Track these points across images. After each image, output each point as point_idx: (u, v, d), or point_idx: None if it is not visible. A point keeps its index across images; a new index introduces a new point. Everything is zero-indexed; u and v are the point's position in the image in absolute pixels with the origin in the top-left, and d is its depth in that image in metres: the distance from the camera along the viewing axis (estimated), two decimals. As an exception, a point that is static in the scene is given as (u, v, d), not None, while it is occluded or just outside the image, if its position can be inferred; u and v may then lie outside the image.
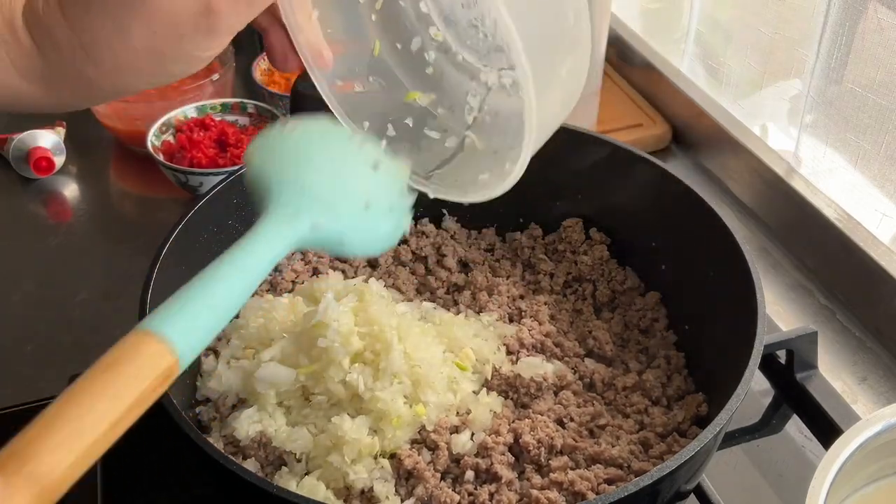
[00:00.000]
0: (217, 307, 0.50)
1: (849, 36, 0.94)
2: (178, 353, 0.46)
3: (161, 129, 1.09)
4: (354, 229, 0.58)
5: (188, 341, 0.47)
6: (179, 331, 0.47)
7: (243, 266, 0.52)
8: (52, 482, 0.39)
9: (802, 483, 0.54)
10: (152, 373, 0.45)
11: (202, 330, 0.49)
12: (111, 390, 0.43)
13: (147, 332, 0.46)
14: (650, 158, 0.80)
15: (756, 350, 0.62)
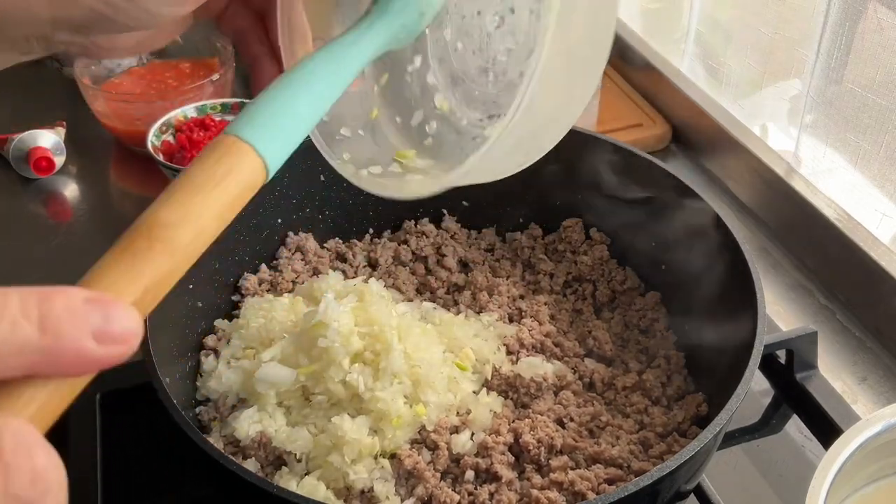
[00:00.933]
0: (304, 113, 0.47)
1: (849, 36, 0.94)
2: (267, 161, 0.45)
3: (161, 129, 1.09)
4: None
5: (275, 149, 0.45)
6: (264, 137, 0.44)
7: (333, 68, 0.49)
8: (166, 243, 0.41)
9: (802, 483, 0.54)
10: (243, 180, 0.44)
11: (289, 136, 0.46)
12: (208, 195, 0.43)
13: (234, 137, 0.44)
14: (650, 158, 0.80)
15: (756, 350, 0.62)
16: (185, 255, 0.43)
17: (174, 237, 0.42)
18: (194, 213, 0.42)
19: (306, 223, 0.87)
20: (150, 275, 0.41)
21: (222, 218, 0.44)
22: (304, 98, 0.47)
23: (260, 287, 0.82)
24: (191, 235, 0.42)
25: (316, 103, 0.48)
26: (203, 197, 0.43)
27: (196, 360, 0.74)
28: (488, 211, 0.90)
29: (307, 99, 0.47)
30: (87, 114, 1.16)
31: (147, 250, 0.41)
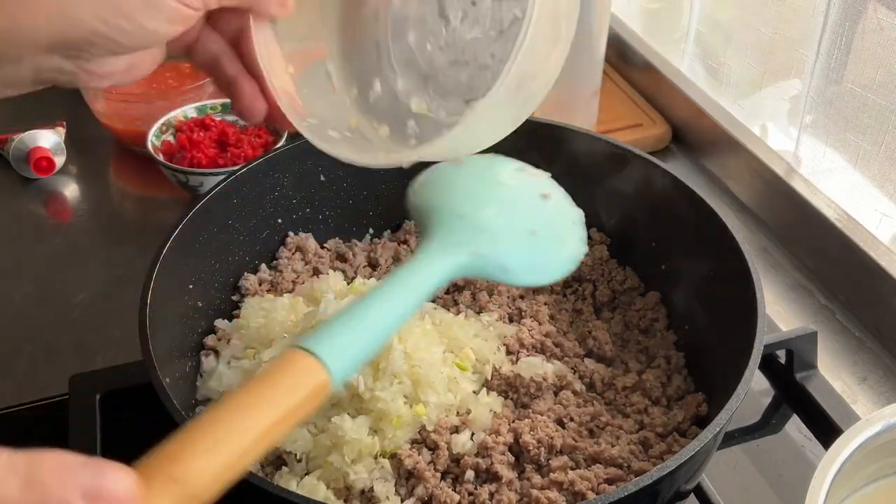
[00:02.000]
0: (370, 329, 0.50)
1: (849, 36, 0.94)
2: (330, 369, 0.46)
3: (161, 129, 1.09)
4: (518, 257, 0.58)
5: (340, 359, 0.47)
6: (330, 349, 0.47)
7: (401, 291, 0.53)
8: (196, 489, 0.39)
9: (802, 483, 0.54)
10: (304, 386, 0.45)
11: (355, 349, 0.49)
12: (262, 401, 0.43)
13: (298, 349, 0.47)
14: (650, 158, 0.80)
15: (756, 350, 0.62)
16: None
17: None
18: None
19: (306, 223, 0.87)
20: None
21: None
22: (371, 323, 0.50)
23: (260, 287, 0.82)
24: (212, 470, 0.42)
25: (381, 328, 0.51)
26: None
27: (196, 360, 0.74)
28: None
29: (374, 324, 0.51)
30: (88, 114, 1.16)
31: None
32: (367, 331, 0.50)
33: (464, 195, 0.59)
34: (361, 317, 0.50)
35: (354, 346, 0.49)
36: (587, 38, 1.07)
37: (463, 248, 0.56)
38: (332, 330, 0.49)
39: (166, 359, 0.66)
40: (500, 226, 0.57)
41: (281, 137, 1.09)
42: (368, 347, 0.50)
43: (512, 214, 0.59)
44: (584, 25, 1.05)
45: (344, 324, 0.49)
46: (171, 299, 0.71)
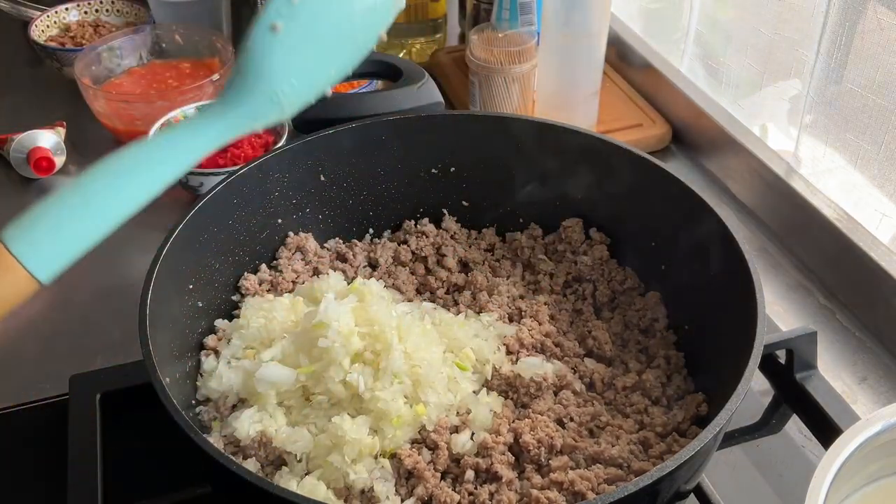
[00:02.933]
0: (88, 206, 0.46)
1: (848, 36, 0.94)
2: (29, 258, 0.44)
3: (161, 129, 1.09)
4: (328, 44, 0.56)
5: (41, 246, 0.44)
6: (24, 235, 0.44)
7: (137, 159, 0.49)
8: None
9: (802, 483, 0.54)
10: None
11: (63, 229, 0.45)
12: None
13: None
14: (650, 158, 0.80)
15: (756, 350, 0.62)
16: None
17: None
18: None
19: (306, 223, 0.87)
20: None
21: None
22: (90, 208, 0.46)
23: (260, 287, 0.82)
24: None
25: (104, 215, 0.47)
26: None
27: (196, 360, 0.74)
28: (488, 211, 0.90)
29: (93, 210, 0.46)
30: (88, 114, 1.16)
31: None
32: (84, 207, 0.46)
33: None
34: (76, 198, 0.46)
35: (65, 227, 0.45)
36: (587, 38, 1.07)
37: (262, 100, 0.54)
38: (31, 221, 0.44)
39: (166, 359, 0.66)
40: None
41: (281, 137, 1.09)
42: (92, 221, 0.46)
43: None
44: (584, 25, 1.06)
45: (51, 206, 0.45)
46: (171, 299, 0.71)
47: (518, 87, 1.12)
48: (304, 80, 0.57)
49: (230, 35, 1.36)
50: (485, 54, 1.10)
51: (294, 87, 0.56)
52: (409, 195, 0.90)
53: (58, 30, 1.35)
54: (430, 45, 1.38)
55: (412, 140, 0.86)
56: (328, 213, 0.88)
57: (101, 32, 1.35)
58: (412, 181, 0.89)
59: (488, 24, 1.16)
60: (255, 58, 0.54)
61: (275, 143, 1.09)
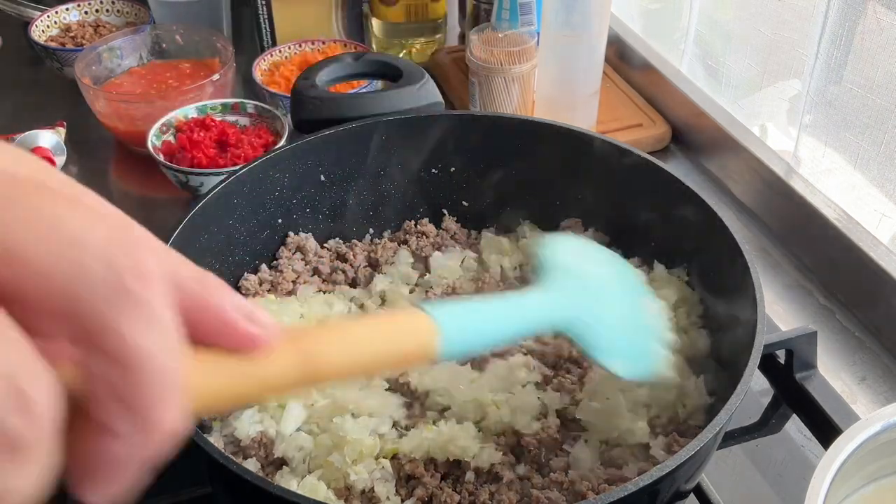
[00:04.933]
0: (484, 320, 0.54)
1: (848, 36, 0.94)
2: (443, 335, 0.48)
3: (161, 129, 1.09)
4: (611, 340, 0.61)
5: (454, 331, 0.49)
6: (446, 319, 0.49)
7: (513, 306, 0.58)
8: (315, 367, 0.41)
9: (802, 483, 0.54)
10: (417, 338, 0.48)
11: (468, 329, 0.52)
12: (381, 333, 0.47)
13: (419, 310, 0.49)
14: (650, 158, 0.80)
15: (756, 350, 0.62)
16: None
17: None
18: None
19: (306, 223, 0.87)
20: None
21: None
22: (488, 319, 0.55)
23: (260, 287, 0.82)
24: (331, 359, 0.43)
25: (493, 324, 0.55)
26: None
27: (196, 360, 0.74)
28: (488, 211, 0.90)
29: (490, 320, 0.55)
30: (88, 114, 1.16)
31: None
32: (481, 320, 0.54)
33: (587, 265, 0.65)
34: (479, 310, 0.54)
35: (468, 327, 0.52)
36: (587, 38, 1.07)
37: (570, 304, 0.60)
38: (452, 307, 0.51)
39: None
40: (604, 306, 0.63)
41: (281, 137, 1.09)
42: (479, 334, 0.53)
43: (614, 301, 0.65)
44: (584, 25, 1.06)
45: (463, 307, 0.53)
46: (172, 299, 0.71)
47: (518, 87, 1.12)
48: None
49: (230, 35, 1.36)
50: (485, 54, 1.10)
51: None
52: (409, 195, 0.90)
53: (58, 30, 1.35)
54: (430, 45, 1.38)
55: (412, 140, 0.86)
56: (328, 213, 0.88)
57: (101, 32, 1.35)
58: (412, 181, 0.89)
59: (488, 24, 1.16)
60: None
61: (275, 143, 1.09)
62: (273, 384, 0.39)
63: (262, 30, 1.31)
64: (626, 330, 0.64)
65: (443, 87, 1.22)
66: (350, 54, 0.93)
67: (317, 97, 0.85)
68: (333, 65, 0.90)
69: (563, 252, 0.65)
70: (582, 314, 0.60)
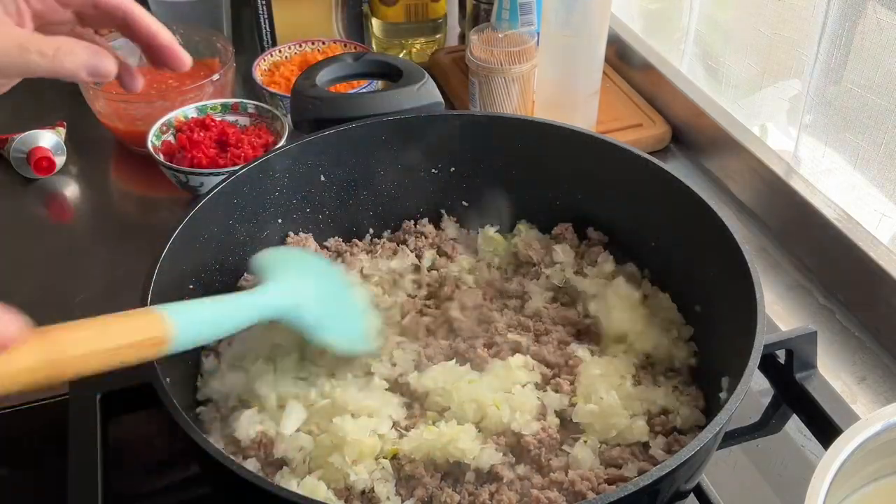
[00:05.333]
0: (214, 318, 0.64)
1: (848, 36, 0.94)
2: (176, 326, 0.58)
3: (161, 129, 1.09)
4: (324, 321, 0.71)
5: (184, 322, 0.59)
6: (177, 315, 0.59)
7: (238, 306, 0.67)
8: (56, 353, 0.52)
9: (802, 483, 0.54)
10: (148, 330, 0.57)
11: (198, 325, 0.62)
12: (115, 326, 0.56)
13: (154, 309, 0.60)
14: (650, 158, 0.80)
15: (756, 350, 0.62)
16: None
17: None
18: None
19: (306, 223, 0.87)
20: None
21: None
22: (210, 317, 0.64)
23: (260, 287, 0.82)
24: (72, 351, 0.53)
25: (221, 321, 0.65)
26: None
27: (196, 360, 0.74)
28: (488, 211, 0.90)
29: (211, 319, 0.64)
30: (88, 114, 1.16)
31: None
32: (210, 313, 0.64)
33: (300, 270, 0.76)
34: (208, 305, 0.65)
35: (199, 319, 0.62)
36: (587, 38, 1.07)
37: (291, 298, 0.70)
38: (185, 304, 0.62)
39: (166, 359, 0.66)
40: (320, 298, 0.73)
41: (281, 137, 1.09)
42: (209, 325, 0.63)
43: (327, 293, 0.75)
44: (584, 25, 1.06)
45: (195, 303, 0.64)
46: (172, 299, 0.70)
47: (518, 87, 1.12)
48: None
49: (230, 35, 1.36)
50: (485, 54, 1.10)
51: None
52: (408, 195, 0.90)
53: (58, 30, 1.35)
54: (430, 45, 1.38)
55: (412, 140, 0.86)
56: (328, 213, 0.88)
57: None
58: (412, 181, 0.89)
59: (488, 25, 1.16)
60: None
61: (275, 143, 1.09)
62: (19, 373, 0.49)
63: (262, 30, 1.31)
64: (338, 314, 0.75)
65: (443, 87, 1.22)
66: (350, 54, 0.93)
67: (317, 97, 0.85)
68: (333, 65, 0.90)
69: (281, 258, 0.76)
70: (299, 303, 0.69)
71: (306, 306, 0.70)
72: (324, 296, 0.74)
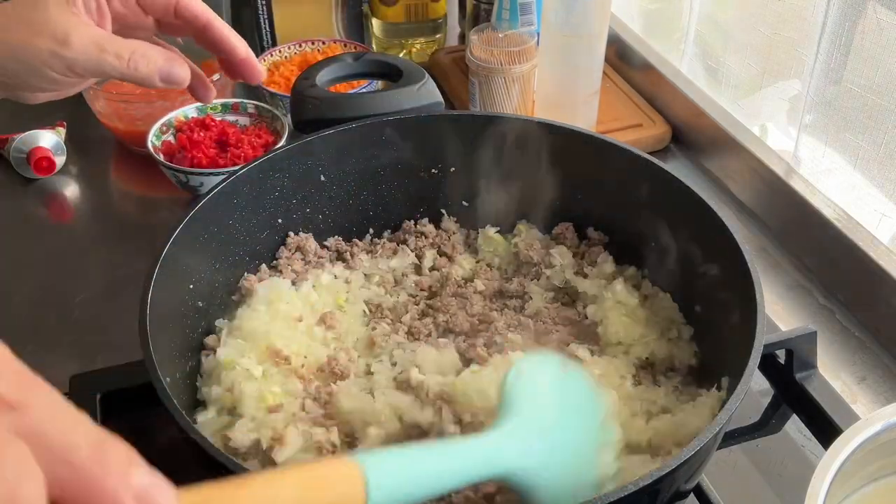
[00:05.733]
0: (419, 471, 0.50)
1: (848, 36, 0.94)
2: (371, 484, 0.46)
3: (161, 129, 1.09)
4: (555, 483, 0.57)
5: (383, 482, 0.46)
6: (376, 469, 0.46)
7: (451, 453, 0.53)
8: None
9: (802, 483, 0.54)
10: (338, 488, 0.45)
11: (399, 481, 0.48)
12: (300, 486, 0.44)
13: (349, 458, 0.47)
14: (650, 158, 0.80)
15: (756, 350, 0.62)
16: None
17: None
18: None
19: (306, 223, 0.87)
20: None
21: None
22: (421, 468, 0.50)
23: (260, 287, 0.82)
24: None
25: (427, 476, 0.50)
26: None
27: (196, 360, 0.74)
28: (488, 211, 0.90)
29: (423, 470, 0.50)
30: (88, 114, 1.16)
31: None
32: (416, 469, 0.50)
33: (551, 407, 0.60)
34: (414, 457, 0.51)
35: (401, 476, 0.48)
36: (587, 38, 1.07)
37: (520, 454, 0.55)
38: (384, 455, 0.49)
39: (166, 359, 0.66)
40: (557, 445, 0.58)
41: (281, 137, 1.09)
42: (414, 485, 0.49)
43: (574, 439, 0.60)
44: (584, 26, 1.06)
45: (398, 455, 0.50)
46: (171, 299, 0.71)
47: (518, 87, 1.12)
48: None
49: (230, 35, 1.36)
50: (485, 54, 1.10)
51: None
52: (409, 195, 0.90)
53: (58, 30, 1.35)
54: (430, 45, 1.38)
55: (412, 140, 0.86)
56: (328, 213, 0.88)
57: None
58: (412, 181, 0.89)
59: (488, 24, 1.16)
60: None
61: (275, 143, 1.09)
62: None
63: (262, 30, 1.31)
64: (574, 466, 0.59)
65: (443, 87, 1.22)
66: (350, 54, 0.93)
67: (317, 97, 0.85)
68: (333, 65, 0.90)
69: (527, 380, 0.59)
70: (529, 464, 0.55)
71: (538, 468, 0.55)
72: (566, 444, 0.59)
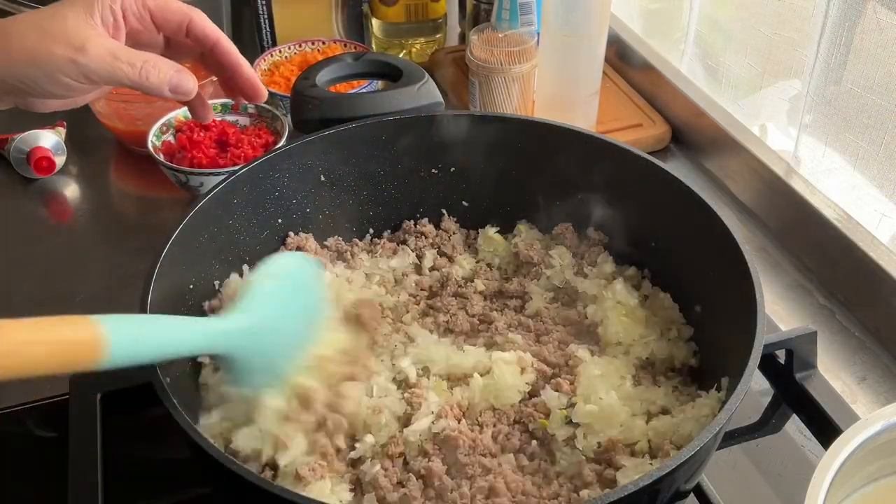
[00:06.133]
0: (152, 334, 0.57)
1: (848, 36, 0.94)
2: (111, 340, 0.52)
3: (161, 129, 1.09)
4: (269, 354, 0.64)
5: (121, 337, 0.53)
6: (117, 326, 0.53)
7: (186, 330, 0.60)
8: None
9: (802, 483, 0.54)
10: (78, 336, 0.53)
11: (135, 338, 0.55)
12: (42, 332, 0.53)
13: (91, 318, 0.53)
14: (650, 158, 0.80)
15: (756, 350, 0.62)
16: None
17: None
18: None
19: (306, 223, 0.87)
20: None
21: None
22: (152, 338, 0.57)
23: (260, 287, 0.81)
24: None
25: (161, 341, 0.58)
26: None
27: (196, 360, 0.74)
28: (488, 211, 0.90)
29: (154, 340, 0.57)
30: (88, 114, 1.16)
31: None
32: (150, 333, 0.57)
33: (278, 297, 0.66)
34: (152, 326, 0.58)
35: (138, 337, 0.56)
36: (587, 38, 1.07)
37: (237, 337, 0.62)
38: (124, 317, 0.55)
39: (166, 359, 0.66)
40: (277, 337, 0.65)
41: (281, 137, 1.09)
42: (147, 345, 0.56)
43: (291, 331, 0.67)
44: (584, 26, 1.06)
45: (136, 318, 0.58)
46: (172, 299, 0.71)
47: (518, 87, 1.12)
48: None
49: (230, 35, 1.36)
50: (485, 54, 1.10)
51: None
52: (409, 195, 0.90)
53: (58, 30, 1.34)
54: (430, 45, 1.38)
55: (412, 140, 0.86)
56: (328, 213, 0.88)
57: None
58: (412, 181, 0.89)
59: (488, 24, 1.16)
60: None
61: (275, 143, 1.09)
62: None
63: (262, 30, 1.31)
64: (287, 343, 0.66)
65: (443, 87, 1.22)
66: (350, 54, 0.93)
67: (317, 97, 0.85)
68: (333, 65, 0.90)
69: (266, 279, 0.66)
70: (248, 344, 0.62)
71: (251, 354, 0.63)
72: (282, 336, 0.66)
